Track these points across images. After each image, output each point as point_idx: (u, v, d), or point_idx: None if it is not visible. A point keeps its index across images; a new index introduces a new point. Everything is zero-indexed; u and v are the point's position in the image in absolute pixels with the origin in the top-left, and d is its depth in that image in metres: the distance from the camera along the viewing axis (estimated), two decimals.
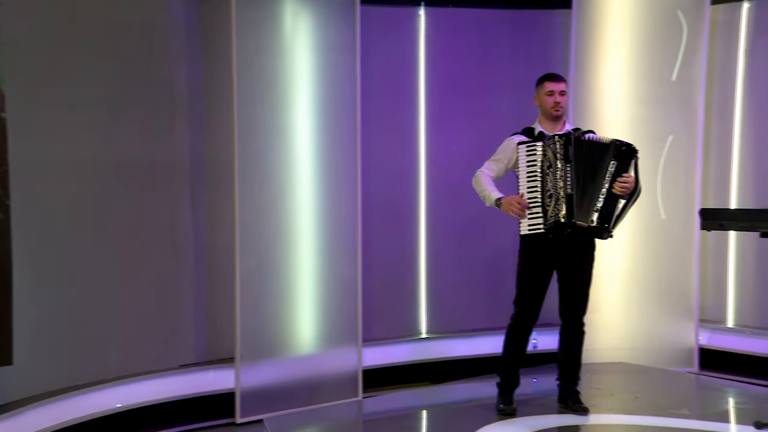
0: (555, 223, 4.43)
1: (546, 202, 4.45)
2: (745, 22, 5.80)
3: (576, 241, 4.53)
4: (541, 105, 4.65)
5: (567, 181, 4.44)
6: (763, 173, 5.75)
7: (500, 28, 5.91)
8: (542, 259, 4.57)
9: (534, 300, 4.61)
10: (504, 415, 4.65)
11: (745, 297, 5.87)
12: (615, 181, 4.43)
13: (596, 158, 4.46)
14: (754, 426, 4.38)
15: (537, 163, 4.47)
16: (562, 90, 4.60)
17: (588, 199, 4.45)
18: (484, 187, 4.60)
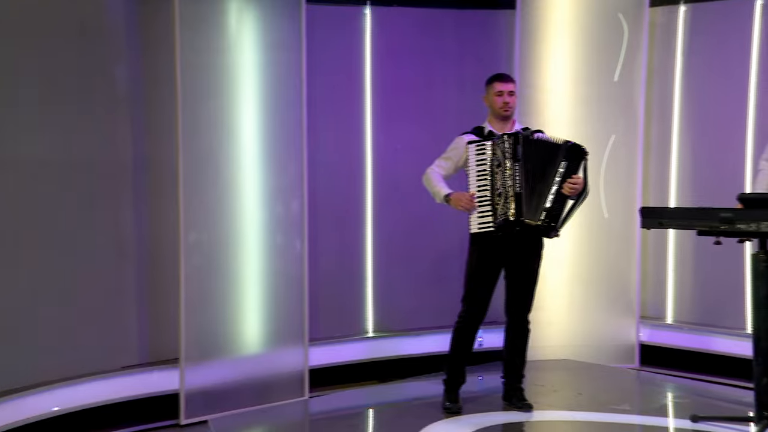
0: (504, 221, 4.49)
1: (495, 200, 4.50)
2: (682, 25, 5.93)
3: (524, 239, 4.58)
4: (490, 105, 4.70)
5: (516, 179, 4.49)
6: (701, 172, 5.88)
7: (446, 28, 5.94)
8: (491, 258, 4.61)
9: (482, 298, 4.65)
10: (450, 413, 4.68)
11: (684, 294, 6.00)
12: (565, 182, 4.50)
13: (546, 158, 4.52)
14: (690, 419, 4.49)
15: (486, 162, 4.52)
16: (511, 90, 4.65)
17: (537, 197, 4.50)
18: (435, 184, 4.66)
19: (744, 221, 4.14)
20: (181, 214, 4.66)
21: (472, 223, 4.55)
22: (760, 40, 5.57)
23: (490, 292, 4.66)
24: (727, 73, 5.71)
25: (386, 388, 5.48)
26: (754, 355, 4.20)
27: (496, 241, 4.56)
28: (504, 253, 4.61)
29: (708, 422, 4.43)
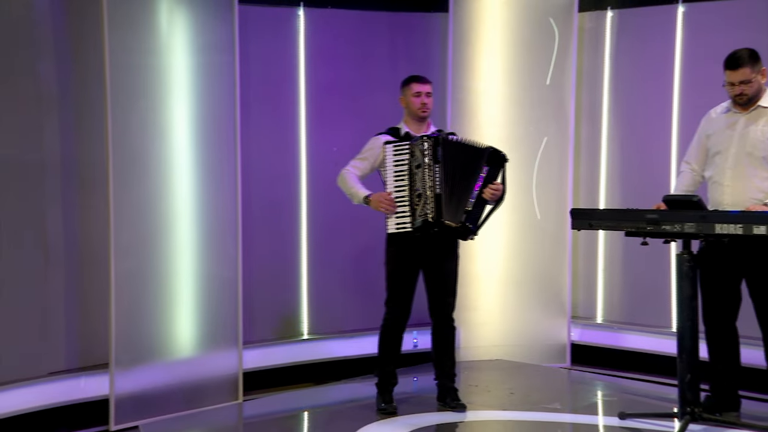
0: (423, 222, 4.52)
1: (414, 201, 4.53)
2: (609, 29, 6.05)
3: (439, 240, 4.62)
4: (407, 106, 4.72)
5: (436, 181, 4.52)
6: (629, 174, 6.01)
7: (379, 30, 5.95)
8: (407, 259, 4.65)
9: (403, 299, 4.69)
10: (384, 414, 4.69)
11: (613, 294, 6.12)
12: (486, 187, 4.57)
13: (468, 161, 4.58)
14: (618, 417, 4.58)
15: (405, 163, 4.54)
16: (429, 92, 4.69)
17: (457, 199, 4.56)
18: (351, 185, 4.66)
19: (669, 222, 4.24)
20: (111, 216, 4.59)
21: (390, 224, 4.57)
22: (682, 44, 5.71)
23: (411, 293, 4.70)
24: (652, 76, 5.84)
25: (321, 391, 5.47)
26: (678, 352, 4.30)
27: (412, 242, 4.58)
28: (420, 254, 4.65)
29: (635, 419, 4.53)
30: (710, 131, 4.55)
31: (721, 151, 4.47)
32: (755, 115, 4.40)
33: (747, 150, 4.38)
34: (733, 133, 4.44)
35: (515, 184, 5.98)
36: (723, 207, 4.37)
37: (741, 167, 4.40)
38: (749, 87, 4.34)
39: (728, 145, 4.44)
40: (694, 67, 5.61)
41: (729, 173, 4.43)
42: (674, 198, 4.42)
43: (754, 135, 4.38)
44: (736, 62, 4.32)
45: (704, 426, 4.35)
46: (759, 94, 4.39)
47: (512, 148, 5.93)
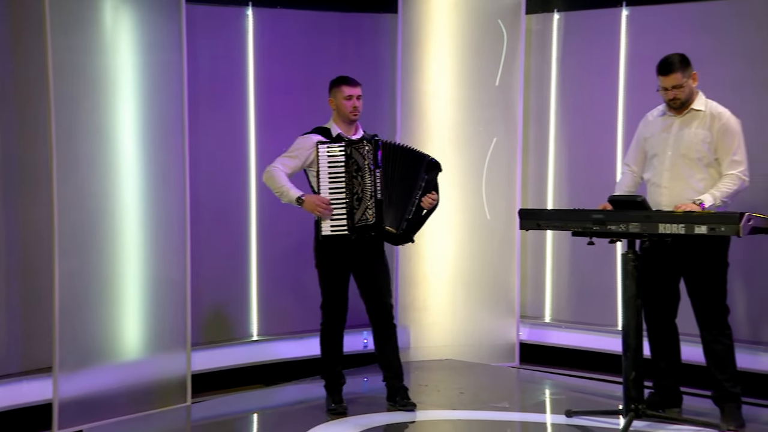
0: (363, 226, 4.52)
1: (354, 204, 4.52)
2: (556, 31, 6.12)
3: (367, 243, 4.63)
4: (338, 108, 4.71)
5: (377, 186, 4.53)
6: (576, 174, 6.08)
7: (329, 30, 5.94)
8: (337, 262, 4.65)
9: (338, 302, 4.71)
10: (334, 415, 4.69)
11: (561, 293, 6.19)
12: (425, 195, 4.61)
13: (408, 168, 4.61)
14: (565, 415, 4.64)
15: (341, 165, 4.53)
16: (359, 94, 4.68)
17: (397, 205, 4.58)
18: (282, 184, 4.60)
19: (614, 222, 4.31)
20: (55, 217, 4.51)
21: (324, 226, 4.55)
22: (626, 46, 5.79)
23: (345, 296, 4.71)
24: (598, 77, 5.92)
25: (271, 392, 5.44)
26: (623, 350, 4.37)
27: (341, 245, 4.58)
28: (349, 257, 4.65)
29: (581, 417, 4.59)
30: (647, 134, 4.64)
31: (658, 153, 4.56)
32: (689, 118, 4.50)
33: (682, 152, 4.48)
34: (668, 136, 4.53)
35: (465, 184, 6.04)
36: (662, 208, 4.45)
37: (677, 169, 4.49)
38: (681, 91, 4.43)
39: (664, 148, 4.53)
40: (638, 68, 5.70)
41: (666, 175, 4.52)
42: (619, 198, 4.50)
43: (688, 137, 4.47)
44: (668, 68, 4.41)
45: (648, 422, 4.43)
46: (692, 98, 4.48)
47: (462, 149, 6.01)
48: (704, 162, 4.45)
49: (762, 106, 5.19)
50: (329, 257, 4.65)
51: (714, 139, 4.42)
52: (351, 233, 4.53)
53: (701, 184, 4.44)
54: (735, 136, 4.41)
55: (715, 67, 5.03)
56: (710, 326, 4.46)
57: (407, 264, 5.97)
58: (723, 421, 4.38)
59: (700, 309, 4.49)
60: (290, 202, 4.59)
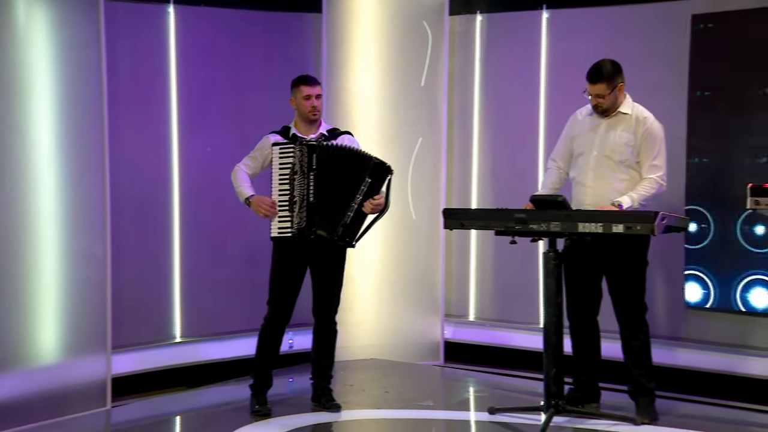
0: (298, 230, 4.53)
1: (293, 207, 4.53)
2: (479, 33, 6.19)
3: (326, 245, 4.63)
4: (297, 108, 4.70)
5: (310, 189, 4.52)
6: (499, 174, 6.16)
7: (254, 29, 5.89)
8: (293, 261, 4.64)
9: (286, 301, 4.67)
10: (259, 416, 4.66)
11: (485, 292, 6.26)
12: (367, 200, 4.57)
13: (348, 171, 4.57)
14: (488, 412, 4.69)
15: (289, 166, 4.54)
16: (318, 94, 4.69)
17: (331, 210, 4.55)
18: (239, 183, 4.64)
19: (536, 222, 4.38)
20: None
21: (273, 227, 4.57)
22: (547, 48, 5.90)
23: (294, 295, 4.69)
24: (520, 78, 6.02)
25: (194, 394, 5.37)
26: (545, 348, 4.44)
27: (298, 244, 4.58)
28: (307, 256, 4.65)
29: (504, 413, 4.65)
30: (575, 133, 4.73)
31: (584, 152, 4.65)
32: (615, 120, 4.60)
33: (606, 153, 4.58)
34: (595, 136, 4.63)
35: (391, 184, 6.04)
36: (585, 207, 4.55)
37: (601, 169, 4.59)
38: (604, 101, 4.54)
39: (590, 148, 4.62)
40: (558, 69, 5.81)
41: (591, 174, 4.61)
42: (541, 198, 4.57)
43: (613, 139, 4.57)
44: (595, 77, 4.52)
45: (567, 417, 4.52)
46: (618, 102, 4.58)
47: (387, 149, 6.01)
48: (626, 164, 4.56)
49: (676, 108, 5.34)
50: (284, 255, 4.62)
51: (637, 143, 4.53)
52: (294, 235, 4.53)
53: (623, 184, 4.55)
54: (656, 141, 4.53)
55: (632, 69, 5.15)
56: (629, 323, 4.57)
57: None
58: (638, 415, 4.50)
59: (619, 306, 4.60)
60: (244, 202, 4.62)
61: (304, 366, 5.18)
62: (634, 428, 4.42)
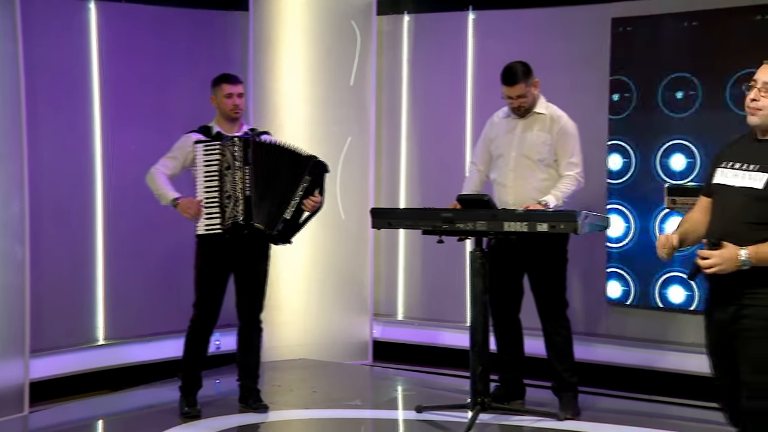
0: (233, 224, 4.48)
1: (224, 203, 4.49)
2: (406, 33, 6.22)
3: (251, 241, 4.60)
4: (219, 106, 4.67)
5: (246, 183, 4.49)
6: (427, 174, 6.20)
7: (178, 27, 5.80)
8: (218, 260, 4.60)
9: (212, 301, 4.63)
10: (188, 418, 4.61)
11: (413, 291, 6.29)
12: (306, 198, 4.58)
13: (287, 167, 4.57)
14: (415, 410, 4.72)
15: (216, 163, 4.50)
16: (240, 92, 4.66)
17: (270, 203, 4.54)
18: (160, 186, 4.57)
19: (462, 221, 4.43)
20: None
21: (200, 225, 4.52)
22: (473, 49, 5.96)
23: (221, 295, 4.65)
24: (447, 78, 6.06)
25: (119, 397, 5.27)
26: (471, 346, 4.50)
27: (223, 243, 4.55)
28: (231, 255, 4.61)
29: (431, 411, 4.69)
30: (493, 135, 4.81)
31: (503, 154, 4.73)
32: (531, 121, 4.70)
33: (525, 153, 4.67)
34: (513, 137, 4.71)
35: None
36: (507, 207, 4.61)
37: (521, 169, 4.67)
38: (526, 100, 4.63)
39: (509, 149, 4.71)
40: (485, 70, 5.85)
41: (511, 175, 4.70)
42: (467, 197, 4.62)
43: (530, 139, 4.66)
44: (512, 79, 4.59)
45: (493, 414, 4.58)
46: (534, 102, 4.68)
47: (316, 148, 5.93)
48: (545, 163, 4.65)
49: (597, 109, 5.44)
50: (209, 255, 4.58)
51: (554, 141, 4.62)
52: (224, 232, 4.48)
53: (543, 184, 4.64)
54: (572, 139, 4.64)
55: (555, 70, 5.24)
56: (551, 319, 4.66)
57: None
58: (561, 410, 4.59)
59: (541, 303, 4.68)
60: (168, 204, 4.54)
61: (231, 367, 5.13)
62: (558, 424, 4.51)
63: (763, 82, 2.96)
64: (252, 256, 4.67)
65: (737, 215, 2.91)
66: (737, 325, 2.92)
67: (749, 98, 2.98)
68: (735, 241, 2.87)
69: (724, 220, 2.95)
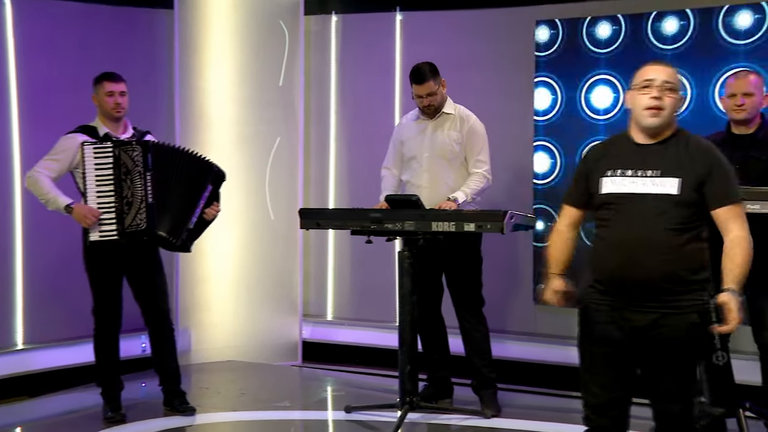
0: (134, 231, 4.38)
1: (123, 209, 4.37)
2: (334, 33, 6.22)
3: (142, 247, 4.51)
4: (100, 105, 4.54)
5: (148, 189, 4.39)
6: (356, 174, 6.19)
7: (102, 24, 5.66)
8: (110, 266, 4.50)
9: (110, 307, 4.56)
10: (111, 423, 4.52)
11: (343, 291, 6.28)
12: (208, 206, 4.53)
13: (189, 175, 4.50)
14: (344, 411, 4.72)
15: (110, 167, 4.36)
16: (123, 90, 4.53)
17: (175, 213, 4.45)
18: (47, 191, 4.39)
19: (391, 221, 4.43)
20: None
21: (92, 231, 4.37)
22: (401, 49, 5.98)
23: (118, 301, 4.57)
24: (376, 79, 6.07)
25: (39, 403, 5.13)
26: (400, 345, 4.51)
27: (113, 249, 4.43)
28: (121, 261, 4.52)
29: (360, 412, 4.69)
30: (403, 138, 4.86)
31: (415, 155, 4.78)
32: (440, 121, 4.76)
33: (437, 153, 4.73)
34: (424, 138, 4.77)
35: (248, 184, 6.00)
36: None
37: (435, 169, 4.73)
38: (435, 99, 4.68)
39: (421, 150, 4.76)
40: None
41: (425, 176, 4.75)
42: (396, 198, 4.63)
43: (441, 139, 4.72)
44: (421, 77, 4.64)
45: (422, 414, 4.60)
46: (443, 102, 4.74)
47: (244, 149, 5.97)
48: (458, 162, 4.72)
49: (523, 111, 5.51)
50: (100, 261, 4.47)
51: (464, 140, 4.69)
52: (121, 238, 4.37)
53: (456, 183, 4.71)
54: (480, 138, 4.72)
55: (481, 71, 5.30)
56: (469, 316, 4.72)
57: (189, 265, 5.84)
58: (484, 408, 4.64)
59: (459, 300, 4.74)
60: (56, 210, 4.38)
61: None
62: (485, 421, 4.56)
63: (662, 81, 2.91)
64: (143, 262, 4.57)
65: (655, 223, 2.84)
66: (658, 331, 2.88)
67: (650, 97, 2.90)
68: (652, 248, 2.84)
69: (638, 229, 2.86)
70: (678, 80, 2.99)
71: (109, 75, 4.54)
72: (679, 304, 2.88)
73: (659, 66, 2.98)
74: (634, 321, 2.92)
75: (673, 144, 2.95)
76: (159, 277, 4.63)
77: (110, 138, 4.45)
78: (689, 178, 2.89)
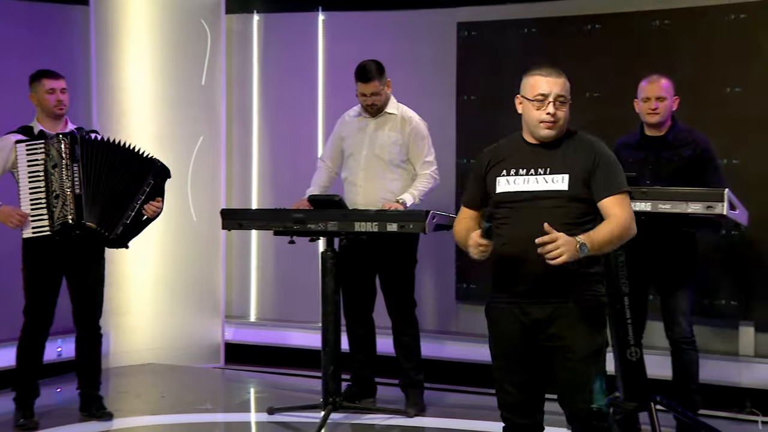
0: (63, 224, 4.31)
1: (52, 203, 4.31)
2: (256, 32, 6.18)
3: (83, 244, 4.44)
4: (40, 103, 4.46)
5: (75, 180, 4.34)
6: (280, 174, 6.17)
7: (15, 20, 5.52)
8: (48, 264, 4.42)
9: (44, 307, 4.45)
10: (23, 430, 4.41)
11: (266, 292, 6.25)
12: (147, 202, 4.46)
13: (127, 168, 4.44)
14: (267, 412, 4.69)
15: (40, 163, 4.31)
16: (63, 87, 4.47)
17: (108, 205, 4.39)
18: None
19: (314, 221, 4.42)
20: None
21: (26, 228, 4.32)
22: (324, 49, 5.98)
23: (53, 301, 4.48)
24: (299, 78, 6.06)
25: None
26: (323, 345, 4.50)
27: (52, 246, 4.36)
28: (61, 259, 4.44)
29: (283, 413, 4.67)
30: (344, 134, 4.83)
31: (354, 153, 4.77)
32: (382, 121, 4.75)
33: (376, 152, 4.71)
34: (364, 136, 4.75)
35: (169, 184, 5.83)
36: (358, 206, 4.65)
37: (372, 169, 4.72)
38: (379, 98, 4.67)
39: (360, 148, 4.74)
40: (335, 71, 5.90)
41: (362, 174, 4.74)
42: (318, 198, 4.62)
43: (381, 139, 4.72)
44: (367, 76, 4.63)
45: (345, 414, 4.61)
46: (386, 102, 4.74)
47: (165, 148, 5.85)
48: (395, 163, 4.71)
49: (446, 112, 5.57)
50: (38, 259, 4.37)
51: (405, 142, 4.69)
52: (54, 234, 4.29)
53: (393, 184, 4.70)
54: (424, 139, 4.72)
55: (404, 73, 5.32)
56: (400, 319, 4.73)
57: (107, 267, 5.68)
58: (408, 407, 4.67)
59: (391, 303, 4.75)
60: None
61: (73, 374, 4.93)
62: (408, 420, 4.59)
63: (555, 95, 2.96)
64: (84, 260, 4.50)
65: (550, 219, 2.86)
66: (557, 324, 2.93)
67: (545, 113, 2.95)
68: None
69: (533, 226, 2.87)
70: (568, 89, 3.02)
71: (48, 72, 4.46)
72: (574, 297, 2.95)
73: (551, 78, 3.01)
74: (533, 314, 2.98)
75: (564, 142, 3.03)
76: (98, 280, 4.56)
77: (44, 135, 4.37)
78: (577, 172, 2.97)
